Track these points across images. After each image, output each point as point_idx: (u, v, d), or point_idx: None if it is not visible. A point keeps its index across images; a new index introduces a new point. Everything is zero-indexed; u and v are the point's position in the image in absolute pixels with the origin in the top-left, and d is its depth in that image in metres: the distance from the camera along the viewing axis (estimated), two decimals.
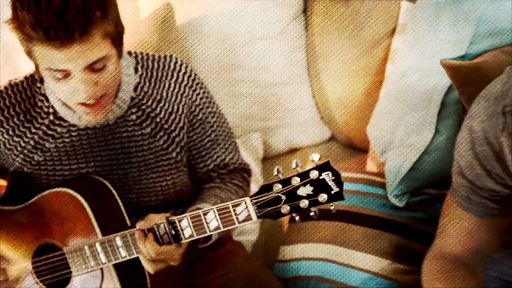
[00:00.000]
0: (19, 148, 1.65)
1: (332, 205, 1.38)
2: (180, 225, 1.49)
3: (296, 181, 1.37)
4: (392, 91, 2.02)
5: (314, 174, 1.36)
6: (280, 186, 1.38)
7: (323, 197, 1.36)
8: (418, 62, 1.97)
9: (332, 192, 1.36)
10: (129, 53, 1.67)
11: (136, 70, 1.65)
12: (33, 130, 1.64)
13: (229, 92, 2.30)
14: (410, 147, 1.91)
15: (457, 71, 1.78)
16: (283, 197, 1.39)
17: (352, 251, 1.81)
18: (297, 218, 1.40)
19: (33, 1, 1.41)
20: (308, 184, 1.37)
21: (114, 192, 1.63)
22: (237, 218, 1.42)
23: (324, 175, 1.36)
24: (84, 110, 1.54)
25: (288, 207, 1.39)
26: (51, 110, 1.63)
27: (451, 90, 1.89)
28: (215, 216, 1.45)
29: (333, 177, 1.36)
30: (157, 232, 1.51)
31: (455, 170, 1.39)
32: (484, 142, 1.30)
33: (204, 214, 1.46)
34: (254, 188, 1.87)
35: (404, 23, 2.08)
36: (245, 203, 1.41)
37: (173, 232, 1.49)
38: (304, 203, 1.37)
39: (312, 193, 1.37)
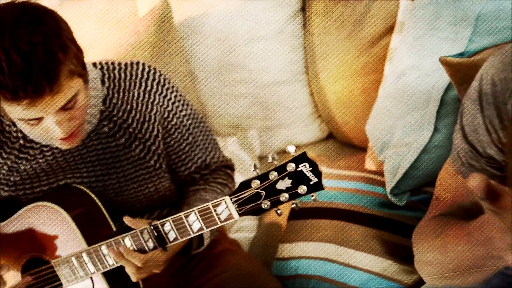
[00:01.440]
0: None
1: (313, 196, 1.35)
2: (163, 229, 1.47)
3: (273, 175, 1.35)
4: (391, 90, 1.99)
5: (291, 167, 1.34)
6: (258, 182, 1.36)
7: (302, 188, 1.34)
8: (417, 61, 1.94)
9: (311, 183, 1.33)
10: (94, 64, 1.62)
11: (103, 82, 1.60)
12: (5, 156, 1.59)
13: (229, 92, 2.28)
14: (409, 146, 1.89)
15: (456, 69, 1.74)
16: (263, 193, 1.36)
17: (353, 250, 1.79)
18: (279, 211, 1.38)
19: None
20: (287, 177, 1.35)
21: (95, 198, 1.61)
22: (218, 218, 1.40)
23: (301, 167, 1.34)
24: (61, 142, 1.50)
25: (269, 202, 1.36)
26: (20, 134, 1.58)
27: (450, 88, 1.86)
28: (197, 218, 1.43)
29: (311, 168, 1.33)
30: (141, 238, 1.49)
31: (458, 136, 1.36)
32: (492, 107, 1.26)
33: (186, 216, 1.44)
34: None
35: (402, 22, 2.04)
36: (225, 202, 1.39)
37: (157, 236, 1.48)
38: (284, 197, 1.35)
39: (291, 185, 1.34)
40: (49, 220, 1.59)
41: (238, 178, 1.74)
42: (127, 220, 1.51)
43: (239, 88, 2.28)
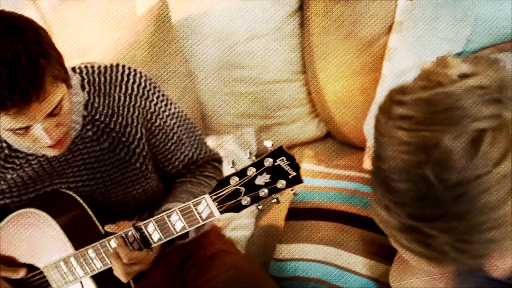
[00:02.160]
0: None
1: (293, 190, 1.34)
2: (147, 230, 1.47)
3: (252, 171, 1.34)
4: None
5: (268, 162, 1.33)
6: (237, 178, 1.35)
7: (281, 183, 1.33)
8: (416, 61, 1.93)
9: (290, 176, 1.32)
10: (73, 69, 1.60)
11: (83, 87, 1.59)
12: None
13: (228, 92, 2.27)
14: None
15: None
16: (242, 189, 1.36)
17: (351, 254, 1.77)
18: (260, 207, 1.37)
19: None
20: (265, 172, 1.34)
21: (82, 202, 1.61)
22: (200, 216, 1.40)
23: (278, 161, 1.32)
24: (48, 150, 1.50)
25: (249, 198, 1.35)
26: (4, 144, 1.58)
27: None
28: (179, 217, 1.42)
29: (288, 162, 1.32)
30: (126, 240, 1.49)
31: None
32: None
33: (168, 217, 1.43)
34: None
35: (401, 21, 2.02)
36: (205, 201, 1.38)
37: (142, 238, 1.47)
38: (263, 192, 1.34)
39: (270, 180, 1.33)
40: (35, 226, 1.59)
41: None
42: (108, 228, 1.51)
43: (239, 87, 2.27)
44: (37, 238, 1.60)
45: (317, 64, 2.23)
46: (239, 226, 2.05)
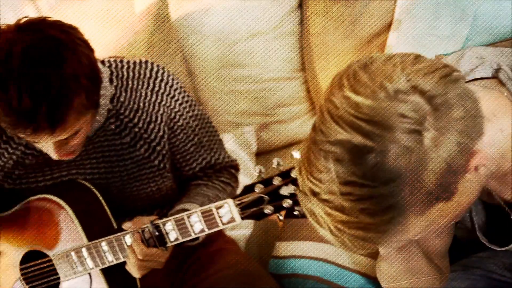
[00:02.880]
0: None
1: None
2: (165, 229, 1.47)
3: (278, 180, 1.36)
4: None
5: (295, 173, 1.34)
6: (262, 186, 1.37)
7: None
8: None
9: None
10: (103, 62, 1.60)
11: (111, 81, 1.59)
12: (11, 151, 1.59)
13: (228, 91, 2.28)
14: None
15: None
16: (266, 198, 1.37)
17: (351, 252, 1.79)
18: (281, 217, 1.38)
19: (6, 106, 1.34)
20: (290, 183, 1.35)
21: (98, 195, 1.62)
22: (221, 220, 1.41)
23: None
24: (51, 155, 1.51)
25: (272, 207, 1.37)
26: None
27: None
28: (199, 219, 1.43)
29: None
30: (142, 236, 1.49)
31: None
32: None
33: (188, 217, 1.44)
34: (247, 180, 1.85)
35: (399, 19, 2.05)
36: (228, 205, 1.39)
37: (158, 236, 1.48)
38: (287, 203, 1.36)
39: (295, 192, 1.35)
40: (51, 213, 1.59)
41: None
42: (126, 227, 1.51)
43: (239, 86, 2.28)
44: (50, 225, 1.60)
45: (316, 64, 2.24)
46: (238, 225, 2.06)
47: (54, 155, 1.47)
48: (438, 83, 0.96)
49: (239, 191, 1.77)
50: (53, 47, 1.36)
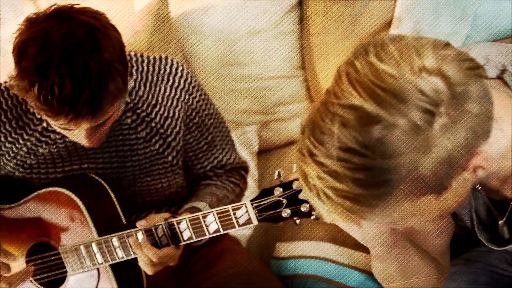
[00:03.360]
0: (11, 154, 1.59)
1: None
2: (178, 227, 1.47)
3: (297, 184, 1.36)
4: None
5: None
6: (281, 189, 1.37)
7: None
8: None
9: None
10: None
11: (131, 74, 1.58)
12: (26, 137, 1.58)
13: (229, 90, 2.28)
14: None
15: None
16: (284, 201, 1.37)
17: (351, 250, 1.81)
18: (298, 221, 1.39)
19: (48, 94, 1.34)
20: None
21: (109, 190, 1.61)
22: (237, 222, 1.41)
23: None
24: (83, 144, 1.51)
25: (289, 211, 1.38)
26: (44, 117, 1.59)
27: None
28: (215, 219, 1.43)
29: None
30: (155, 234, 1.49)
31: None
32: None
33: (204, 217, 1.44)
34: (248, 180, 1.85)
35: (400, 17, 2.06)
36: (246, 207, 1.40)
37: (171, 234, 1.48)
38: (305, 207, 1.36)
39: None
40: (62, 206, 1.58)
41: None
42: (140, 225, 1.51)
43: (239, 85, 2.28)
44: (60, 218, 1.59)
45: (316, 64, 2.25)
46: None
47: (85, 142, 1.46)
48: (463, 73, 0.95)
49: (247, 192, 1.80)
50: (90, 33, 1.36)
